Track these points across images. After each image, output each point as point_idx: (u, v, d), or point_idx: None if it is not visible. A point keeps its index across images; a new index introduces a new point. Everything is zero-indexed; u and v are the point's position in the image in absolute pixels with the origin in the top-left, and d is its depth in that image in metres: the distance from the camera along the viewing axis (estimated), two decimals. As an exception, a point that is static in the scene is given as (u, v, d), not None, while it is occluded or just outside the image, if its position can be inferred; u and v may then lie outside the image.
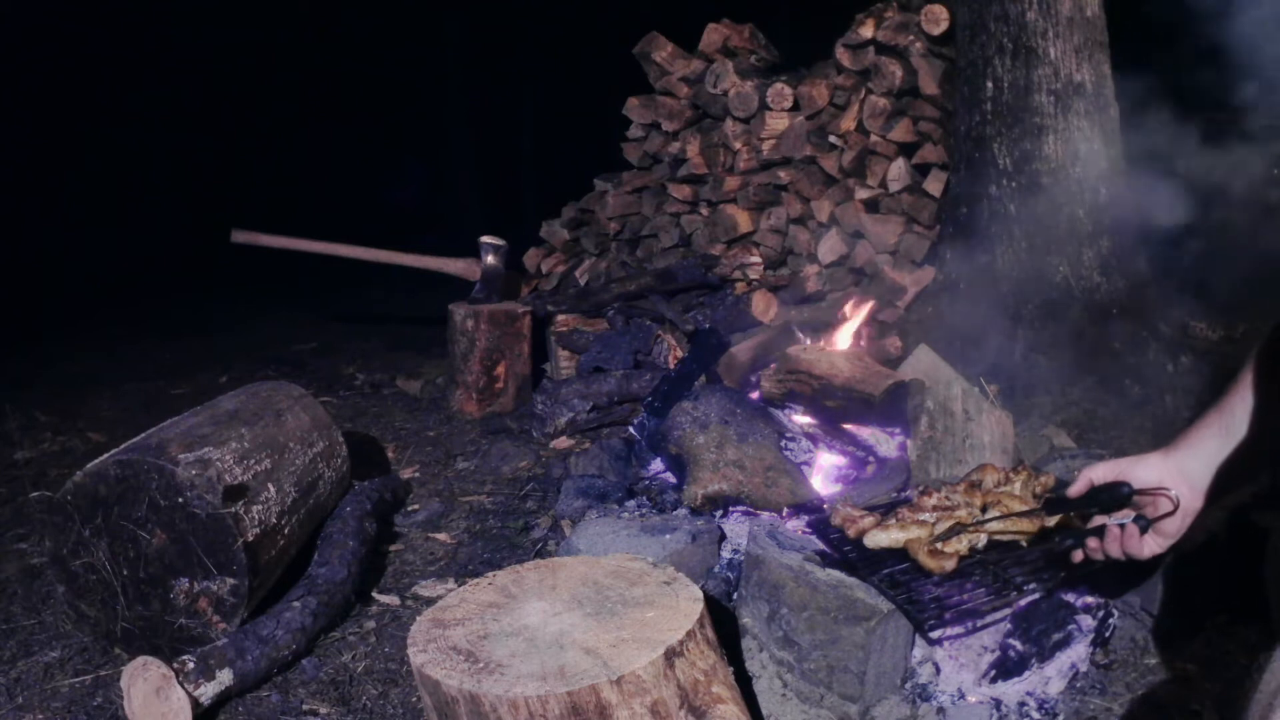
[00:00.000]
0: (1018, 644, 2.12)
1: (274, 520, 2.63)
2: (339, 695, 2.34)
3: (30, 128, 10.45)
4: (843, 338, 3.75)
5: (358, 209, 11.57)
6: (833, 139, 4.87)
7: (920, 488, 2.52)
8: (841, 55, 4.85)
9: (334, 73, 13.27)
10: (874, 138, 4.72)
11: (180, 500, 2.39)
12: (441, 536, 3.31)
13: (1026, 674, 2.11)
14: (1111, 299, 3.93)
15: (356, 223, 8.54)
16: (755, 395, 3.59)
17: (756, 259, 5.06)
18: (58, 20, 10.67)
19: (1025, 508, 2.36)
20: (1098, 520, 1.81)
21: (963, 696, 2.10)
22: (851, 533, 2.34)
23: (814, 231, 4.98)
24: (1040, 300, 3.94)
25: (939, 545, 2.15)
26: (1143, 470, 1.71)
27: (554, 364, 5.12)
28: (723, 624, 2.07)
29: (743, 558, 2.43)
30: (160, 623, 2.46)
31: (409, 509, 3.55)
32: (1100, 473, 1.79)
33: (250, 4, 12.18)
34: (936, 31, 4.49)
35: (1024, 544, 2.27)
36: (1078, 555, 1.86)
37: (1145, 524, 1.71)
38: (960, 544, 2.16)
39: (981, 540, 2.18)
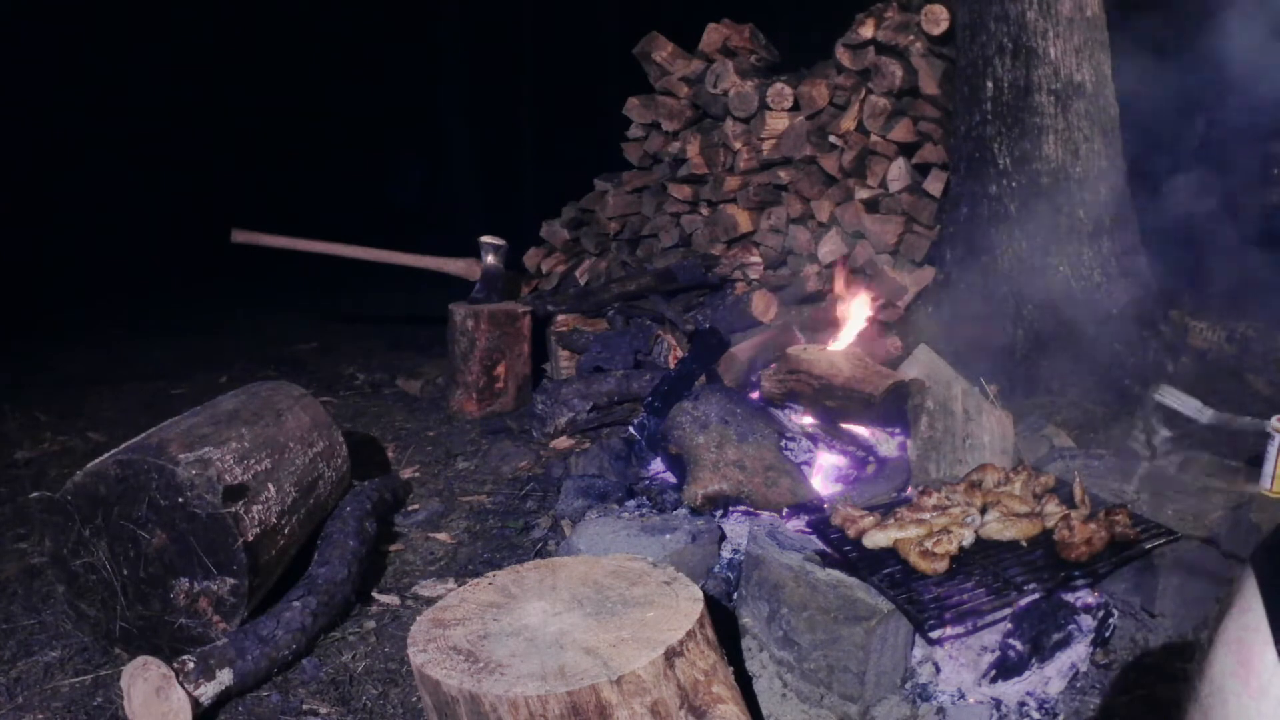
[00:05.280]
0: (1018, 644, 2.12)
1: (274, 520, 2.63)
2: (339, 695, 2.34)
3: (30, 128, 10.45)
4: (847, 332, 3.75)
5: (358, 209, 11.56)
6: (833, 139, 4.87)
7: (920, 488, 2.52)
8: (841, 55, 4.85)
9: (334, 72, 13.28)
10: (874, 138, 4.71)
11: (180, 500, 2.39)
12: (441, 536, 3.31)
13: (1026, 674, 2.11)
14: (1111, 299, 3.94)
15: (356, 223, 8.53)
16: (755, 395, 3.59)
17: (756, 259, 5.06)
18: (58, 20, 10.67)
19: (1025, 508, 2.37)
20: None
21: (963, 696, 2.10)
22: (851, 533, 2.34)
23: (814, 231, 4.98)
24: (1040, 300, 3.95)
25: (929, 546, 2.15)
26: None
27: (554, 364, 5.11)
28: (723, 624, 2.07)
29: (743, 558, 2.43)
30: (160, 623, 2.46)
31: (409, 509, 3.55)
32: None
33: (251, 3, 12.20)
34: (936, 31, 4.49)
35: (1023, 544, 2.28)
36: None
37: None
38: (951, 544, 2.17)
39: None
